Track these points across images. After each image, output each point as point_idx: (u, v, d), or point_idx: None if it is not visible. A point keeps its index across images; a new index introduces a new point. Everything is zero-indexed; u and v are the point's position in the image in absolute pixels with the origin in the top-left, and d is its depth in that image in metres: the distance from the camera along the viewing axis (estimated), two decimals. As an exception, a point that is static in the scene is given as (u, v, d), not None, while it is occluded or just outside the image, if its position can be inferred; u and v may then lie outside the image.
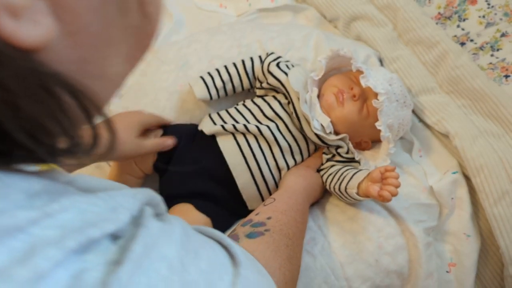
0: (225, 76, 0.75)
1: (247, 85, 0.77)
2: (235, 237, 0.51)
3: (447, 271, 0.69)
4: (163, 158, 0.73)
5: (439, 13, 0.91)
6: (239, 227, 0.54)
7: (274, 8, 0.95)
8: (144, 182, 0.79)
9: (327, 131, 0.68)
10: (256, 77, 0.76)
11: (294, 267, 0.50)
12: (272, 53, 0.76)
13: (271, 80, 0.72)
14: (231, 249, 0.33)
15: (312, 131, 0.68)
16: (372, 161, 0.69)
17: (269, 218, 0.55)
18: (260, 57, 0.77)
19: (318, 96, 0.71)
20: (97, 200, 0.23)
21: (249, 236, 0.50)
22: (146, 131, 0.72)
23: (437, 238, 0.71)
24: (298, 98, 0.69)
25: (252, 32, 0.83)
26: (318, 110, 0.68)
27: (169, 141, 0.71)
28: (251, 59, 0.76)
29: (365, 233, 0.67)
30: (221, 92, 0.75)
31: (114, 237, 0.23)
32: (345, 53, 0.70)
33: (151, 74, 0.83)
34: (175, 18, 0.96)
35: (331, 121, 0.68)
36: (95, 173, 0.82)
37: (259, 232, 0.51)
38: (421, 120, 0.80)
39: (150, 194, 0.29)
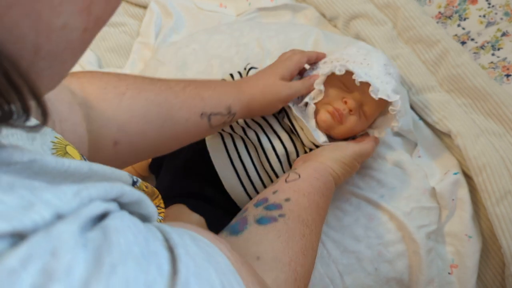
0: None
1: None
2: (244, 221, 0.45)
3: (448, 273, 0.69)
4: (157, 160, 0.73)
5: (439, 12, 0.91)
6: (251, 207, 0.48)
7: (273, 7, 0.95)
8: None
9: (322, 143, 0.65)
10: None
11: (308, 260, 0.44)
12: (248, 63, 0.74)
13: None
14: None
15: (307, 138, 0.66)
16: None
17: (287, 199, 0.48)
18: (239, 72, 0.73)
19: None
20: (6, 196, 0.18)
21: (260, 221, 0.44)
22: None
23: (438, 240, 0.70)
24: (290, 108, 0.66)
25: (251, 31, 0.83)
26: (312, 126, 0.65)
27: (315, 77, 0.65)
28: (239, 73, 0.73)
29: (364, 241, 0.66)
30: None
31: (21, 236, 0.18)
32: (339, 72, 0.62)
33: (150, 74, 0.83)
34: (175, 18, 0.96)
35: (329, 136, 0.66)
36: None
37: (271, 217, 0.45)
38: (421, 118, 0.79)
39: (122, 191, 0.23)
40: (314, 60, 0.69)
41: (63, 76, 0.23)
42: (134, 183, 0.38)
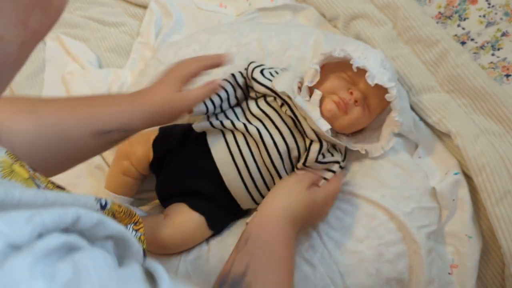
0: (223, 94, 0.71)
1: (242, 99, 0.74)
2: None
3: (449, 273, 0.69)
4: (158, 159, 0.73)
5: (439, 12, 0.91)
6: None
7: (273, 7, 0.95)
8: (142, 183, 0.79)
9: (325, 132, 0.65)
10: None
11: None
12: (253, 62, 0.73)
13: (257, 87, 0.69)
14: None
15: (310, 127, 0.66)
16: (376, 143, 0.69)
17: (246, 265, 0.50)
18: (240, 72, 0.73)
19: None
20: None
21: None
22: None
23: (438, 240, 0.70)
24: (291, 99, 0.66)
25: (251, 32, 0.83)
26: (317, 115, 0.65)
27: (214, 83, 0.63)
28: (240, 73, 0.73)
29: (365, 241, 0.66)
30: (218, 110, 0.72)
31: None
32: (338, 54, 0.65)
33: (150, 74, 0.83)
34: (175, 18, 0.96)
35: (332, 127, 0.66)
36: (95, 173, 0.82)
37: None
38: (421, 119, 0.79)
39: (77, 214, 0.23)
40: (218, 65, 0.64)
41: (1, 90, 0.23)
42: (103, 207, 0.38)
